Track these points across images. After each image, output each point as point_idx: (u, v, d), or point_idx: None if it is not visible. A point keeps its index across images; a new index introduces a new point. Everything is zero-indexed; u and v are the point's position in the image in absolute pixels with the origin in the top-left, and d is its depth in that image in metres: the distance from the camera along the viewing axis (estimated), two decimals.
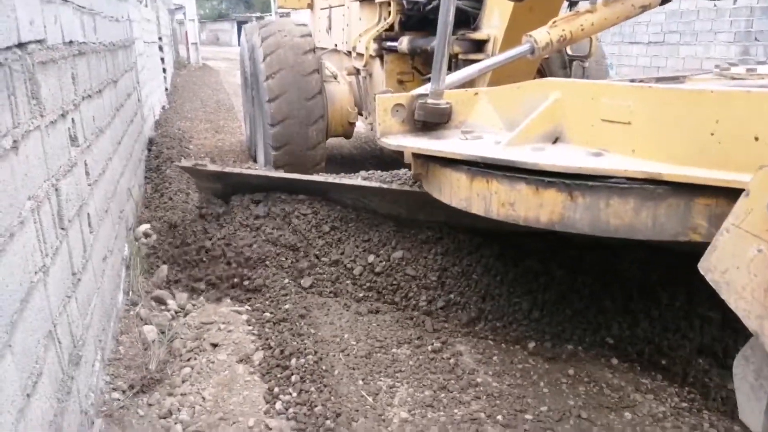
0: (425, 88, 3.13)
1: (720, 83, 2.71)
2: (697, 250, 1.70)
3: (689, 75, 3.26)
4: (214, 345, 2.94)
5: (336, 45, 6.74)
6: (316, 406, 2.43)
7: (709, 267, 1.63)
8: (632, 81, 2.80)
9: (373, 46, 5.28)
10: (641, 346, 2.89)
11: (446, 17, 2.74)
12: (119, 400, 2.40)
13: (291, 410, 2.43)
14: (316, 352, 2.79)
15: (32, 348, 1.56)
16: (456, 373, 2.75)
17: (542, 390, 2.66)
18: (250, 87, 6.19)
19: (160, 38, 12.23)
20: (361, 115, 5.93)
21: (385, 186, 3.57)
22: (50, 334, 1.73)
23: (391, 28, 5.19)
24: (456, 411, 2.49)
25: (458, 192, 2.60)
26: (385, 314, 3.25)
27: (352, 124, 5.52)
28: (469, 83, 3.53)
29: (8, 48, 1.59)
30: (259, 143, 5.59)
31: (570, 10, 3.78)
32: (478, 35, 4.30)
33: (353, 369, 2.76)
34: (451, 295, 3.27)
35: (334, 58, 6.67)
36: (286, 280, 3.49)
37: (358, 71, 5.78)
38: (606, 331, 2.99)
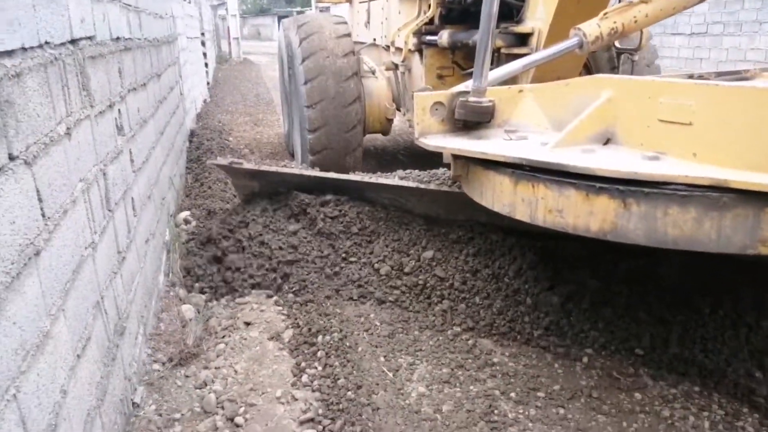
0: (466, 85, 2.98)
1: None
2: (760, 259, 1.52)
3: (754, 70, 3.02)
4: (247, 324, 3.06)
5: (374, 39, 6.60)
6: (339, 379, 2.56)
7: None
8: (690, 77, 2.59)
9: (413, 40, 5.12)
10: (673, 359, 2.71)
11: (489, 9, 2.58)
12: (159, 370, 2.60)
13: (316, 382, 2.54)
14: (341, 330, 2.95)
15: (82, 314, 1.74)
16: (473, 353, 2.84)
17: (556, 371, 2.72)
18: (287, 83, 6.11)
19: (202, 33, 12.33)
20: (399, 110, 5.78)
21: (422, 186, 3.44)
22: (98, 304, 1.91)
23: (431, 21, 5.02)
24: (471, 387, 2.58)
25: (501, 196, 2.44)
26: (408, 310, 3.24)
27: (390, 121, 5.38)
28: (512, 80, 3.36)
29: (62, 44, 1.74)
30: (297, 143, 5.50)
31: (620, 1, 3.56)
32: (521, 28, 4.10)
33: (376, 347, 2.87)
34: (477, 298, 3.16)
35: (372, 52, 6.53)
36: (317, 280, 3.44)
37: (396, 66, 5.62)
38: (636, 341, 2.81)
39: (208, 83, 11.99)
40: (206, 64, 12.07)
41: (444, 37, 4.74)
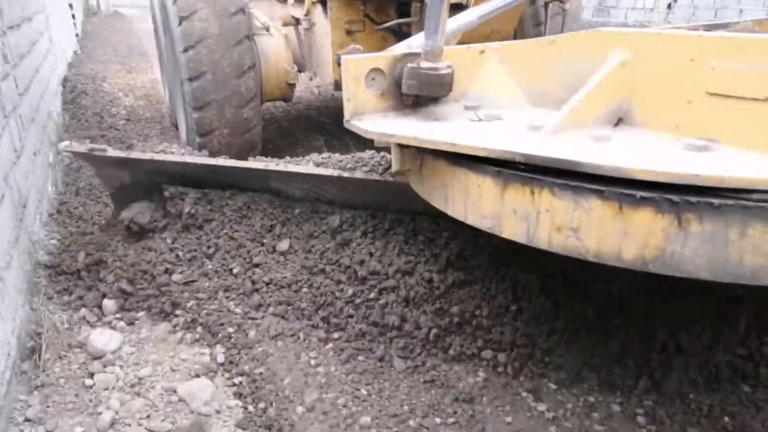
0: (409, 45, 2.16)
1: None
2: None
3: (746, 22, 2.43)
4: None
5: None
6: None
7: None
8: (712, 28, 1.93)
9: None
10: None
11: None
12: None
13: None
14: None
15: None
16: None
17: None
18: (164, 46, 4.92)
19: None
20: (302, 72, 4.82)
21: (346, 175, 2.61)
22: (6, 180, 2.36)
23: None
24: None
25: (480, 205, 1.67)
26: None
27: (292, 86, 4.40)
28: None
29: None
30: (180, 119, 4.37)
31: None
32: None
33: None
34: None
35: (264, 4, 5.45)
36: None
37: (297, 21, 4.63)
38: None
39: (77, 35, 11.34)
40: (73, 16, 11.39)
41: None
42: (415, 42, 2.11)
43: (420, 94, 1.88)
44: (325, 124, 5.84)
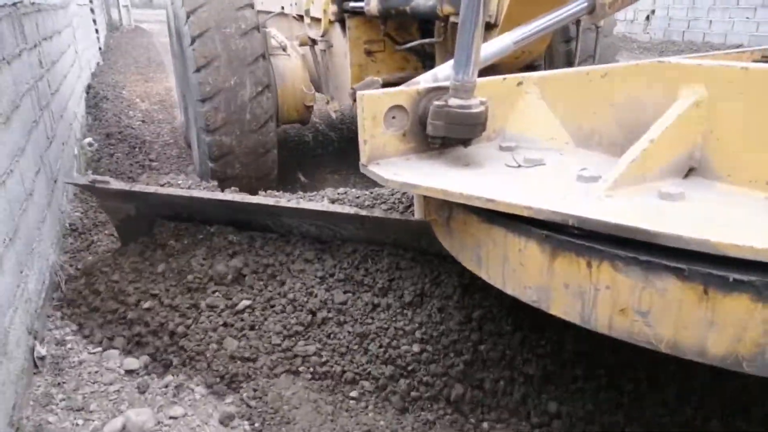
0: (434, 75, 1.87)
1: None
2: None
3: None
4: None
5: (283, 8, 5.25)
6: None
7: None
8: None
9: (332, 8, 3.89)
10: None
11: None
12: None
13: None
14: None
15: (36, 159, 2.82)
16: None
17: None
18: (179, 64, 4.70)
19: (90, 0, 11.80)
20: (320, 93, 4.56)
21: (364, 213, 2.34)
22: (41, 158, 2.91)
23: None
24: None
25: (521, 274, 1.37)
26: None
27: (309, 108, 4.13)
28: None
29: (13, 4, 2.78)
30: (193, 141, 4.12)
31: None
32: None
33: None
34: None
35: (282, 23, 5.22)
36: None
37: (314, 42, 4.37)
38: None
39: (100, 48, 11.97)
40: (97, 30, 11.90)
41: (372, 2, 3.58)
42: (442, 73, 1.82)
43: (449, 136, 1.59)
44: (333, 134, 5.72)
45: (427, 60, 3.96)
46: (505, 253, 1.39)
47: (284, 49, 4.13)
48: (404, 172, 1.56)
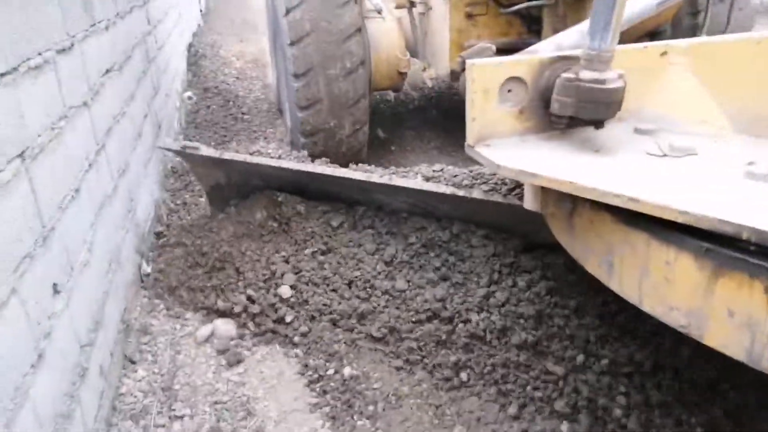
0: (558, 45, 1.61)
1: None
2: None
3: None
4: None
5: None
6: None
7: None
8: None
9: None
10: None
11: None
12: None
13: None
14: None
15: (142, 110, 3.17)
16: None
17: None
18: (273, 33, 4.60)
19: None
20: (416, 59, 4.31)
21: (461, 193, 2.15)
22: (148, 108, 3.34)
23: None
24: None
25: (667, 291, 1.11)
26: None
27: (403, 75, 3.89)
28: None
29: None
30: (286, 112, 4.03)
31: None
32: None
33: None
34: None
35: None
36: None
37: (412, 4, 4.10)
38: None
39: (201, 11, 12.59)
40: None
41: None
42: (567, 40, 1.57)
43: (578, 116, 1.33)
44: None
45: (533, 24, 3.62)
46: (645, 263, 1.14)
47: (380, 13, 3.90)
48: (520, 157, 1.33)
